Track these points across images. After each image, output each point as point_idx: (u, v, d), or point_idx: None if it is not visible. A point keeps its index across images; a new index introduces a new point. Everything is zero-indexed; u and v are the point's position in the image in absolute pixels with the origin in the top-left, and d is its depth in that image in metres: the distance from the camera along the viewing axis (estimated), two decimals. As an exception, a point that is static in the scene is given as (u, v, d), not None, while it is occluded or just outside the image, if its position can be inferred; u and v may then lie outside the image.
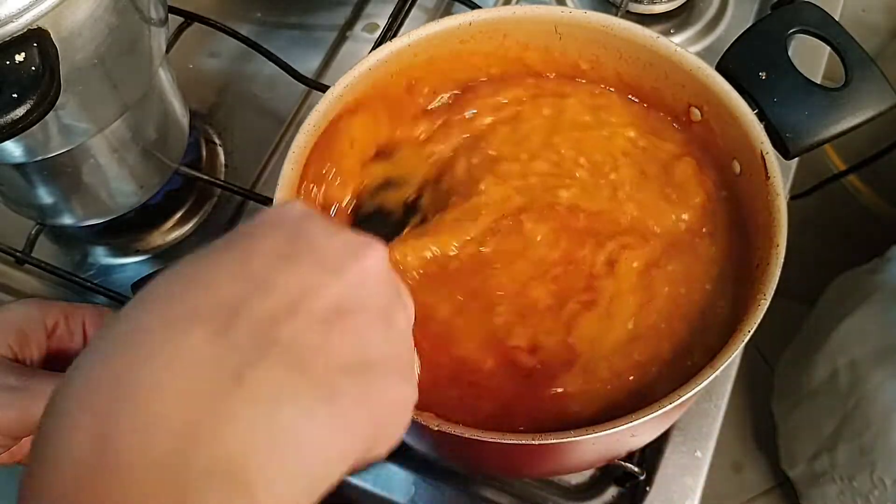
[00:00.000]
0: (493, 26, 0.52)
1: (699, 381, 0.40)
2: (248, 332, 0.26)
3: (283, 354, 0.26)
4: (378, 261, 0.30)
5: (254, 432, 0.24)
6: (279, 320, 0.26)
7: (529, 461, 0.49)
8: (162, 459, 0.23)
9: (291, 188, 0.47)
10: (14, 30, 0.40)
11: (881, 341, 1.01)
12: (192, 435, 0.23)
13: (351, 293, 0.28)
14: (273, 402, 0.25)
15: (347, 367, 0.27)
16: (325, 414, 0.26)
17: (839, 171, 1.30)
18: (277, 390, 0.25)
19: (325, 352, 0.27)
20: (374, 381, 0.28)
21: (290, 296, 0.27)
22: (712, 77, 0.48)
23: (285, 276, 0.27)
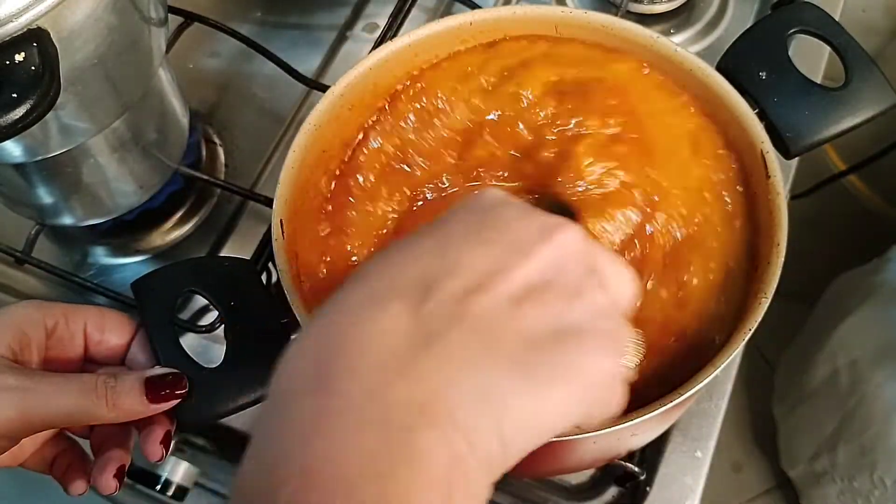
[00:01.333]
0: (493, 26, 0.52)
1: (699, 381, 0.40)
2: (439, 306, 0.28)
3: (472, 327, 0.28)
4: (570, 240, 0.31)
5: (442, 388, 0.27)
6: (469, 297, 0.29)
7: (529, 461, 0.49)
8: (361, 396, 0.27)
9: (291, 188, 0.47)
10: (14, 30, 0.40)
11: (881, 341, 1.01)
12: (386, 383, 0.27)
13: (540, 272, 0.30)
14: (460, 366, 0.27)
15: (537, 341, 0.29)
16: (518, 382, 0.28)
17: (839, 171, 1.30)
18: (466, 357, 0.28)
19: (515, 326, 0.29)
20: (567, 355, 0.29)
21: (480, 275, 0.29)
22: (712, 77, 0.48)
23: (477, 257, 0.30)
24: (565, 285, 0.30)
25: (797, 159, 0.53)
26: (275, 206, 0.46)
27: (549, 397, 0.28)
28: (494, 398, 0.27)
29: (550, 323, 0.29)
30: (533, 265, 0.30)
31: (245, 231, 0.66)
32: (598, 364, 0.30)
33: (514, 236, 0.31)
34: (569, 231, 0.32)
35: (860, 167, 1.17)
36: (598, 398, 0.30)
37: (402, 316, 0.28)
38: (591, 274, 0.32)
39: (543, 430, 0.29)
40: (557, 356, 0.29)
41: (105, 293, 0.60)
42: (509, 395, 0.28)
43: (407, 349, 0.28)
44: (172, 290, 0.45)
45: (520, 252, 0.30)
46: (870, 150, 1.13)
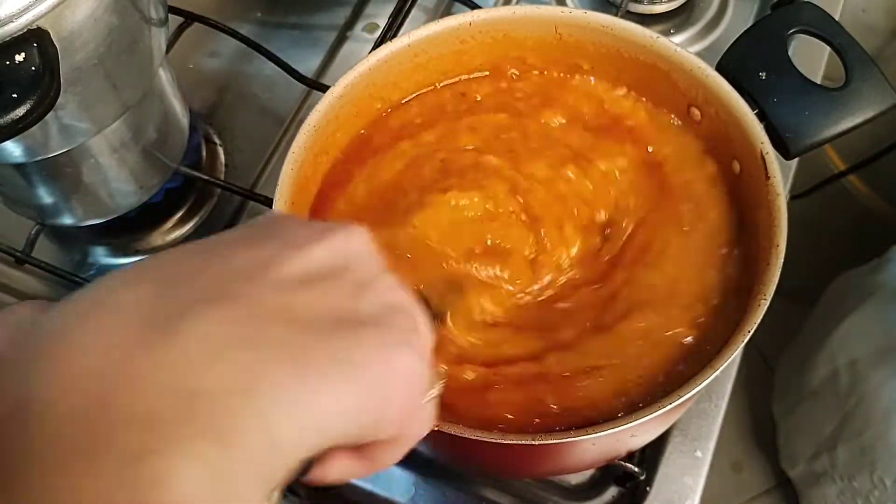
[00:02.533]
0: (493, 26, 0.52)
1: (699, 381, 0.40)
2: (189, 290, 0.23)
3: (230, 308, 0.23)
4: (354, 240, 0.28)
5: (188, 381, 0.21)
6: (231, 280, 0.24)
7: (529, 461, 0.49)
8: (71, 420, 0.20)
9: (291, 188, 0.47)
10: (14, 30, 0.40)
11: (881, 341, 1.01)
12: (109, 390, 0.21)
13: (320, 265, 0.26)
14: (213, 351, 0.22)
15: (316, 327, 0.24)
16: (287, 369, 0.23)
17: (839, 171, 1.30)
18: (219, 339, 0.22)
19: (287, 310, 0.24)
20: (356, 343, 0.24)
21: (246, 265, 0.25)
22: (712, 77, 0.48)
23: (246, 252, 0.26)
24: (353, 277, 0.27)
25: (797, 159, 0.53)
26: (274, 206, 0.46)
27: (327, 388, 0.23)
28: (255, 387, 0.22)
29: (331, 310, 0.25)
30: (309, 257, 0.26)
31: (245, 231, 0.66)
32: (391, 357, 0.25)
33: (290, 236, 0.27)
34: (355, 232, 0.28)
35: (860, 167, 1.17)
36: (391, 398, 0.25)
37: (141, 301, 0.23)
38: (385, 273, 0.28)
39: (323, 428, 0.23)
40: (338, 344, 0.24)
41: (105, 293, 0.59)
42: (275, 384, 0.22)
43: (141, 338, 0.22)
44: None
45: (293, 246, 0.26)
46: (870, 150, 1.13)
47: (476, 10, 0.52)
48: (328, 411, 0.23)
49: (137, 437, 0.20)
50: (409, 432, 0.28)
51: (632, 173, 0.51)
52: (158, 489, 0.20)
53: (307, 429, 0.23)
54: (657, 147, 0.51)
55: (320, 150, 0.50)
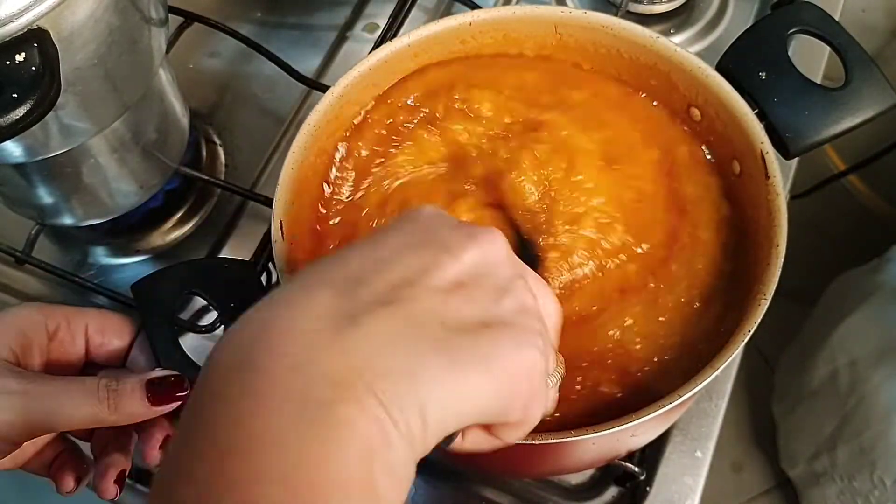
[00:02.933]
0: (494, 26, 0.52)
1: (699, 381, 0.40)
2: (367, 294, 0.29)
3: (399, 312, 0.29)
4: (496, 245, 0.33)
5: (364, 363, 0.27)
6: (398, 288, 0.30)
7: (529, 461, 0.49)
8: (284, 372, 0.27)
9: (291, 188, 0.47)
10: (14, 30, 0.40)
11: (881, 341, 1.01)
12: (309, 360, 0.27)
13: (467, 271, 0.31)
14: (384, 344, 0.28)
15: (462, 328, 0.30)
16: (442, 362, 0.28)
17: (839, 171, 1.30)
18: (391, 336, 0.28)
19: (441, 313, 0.30)
20: (491, 343, 0.30)
21: (409, 272, 0.30)
22: (712, 77, 0.48)
23: (407, 257, 0.31)
24: (494, 283, 0.32)
25: (797, 159, 0.53)
26: (274, 207, 0.46)
27: (470, 379, 0.29)
28: (417, 374, 0.28)
29: (477, 313, 0.30)
30: (460, 264, 0.31)
31: (245, 231, 0.66)
32: (521, 355, 0.31)
33: (443, 241, 0.32)
34: (496, 237, 0.33)
35: (860, 167, 1.17)
36: (519, 390, 0.31)
37: (328, 301, 0.29)
38: (519, 278, 0.33)
39: (464, 411, 0.29)
40: (481, 342, 0.30)
41: (105, 293, 0.60)
42: (431, 374, 0.28)
43: (331, 328, 0.28)
44: (172, 292, 0.45)
45: (448, 252, 0.31)
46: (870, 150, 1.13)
47: (476, 10, 0.52)
48: (469, 398, 0.29)
49: (330, 391, 0.27)
50: (531, 415, 0.32)
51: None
52: (342, 426, 0.26)
53: (451, 410, 0.29)
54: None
55: (320, 150, 0.50)
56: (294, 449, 0.26)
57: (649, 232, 0.48)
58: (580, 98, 0.52)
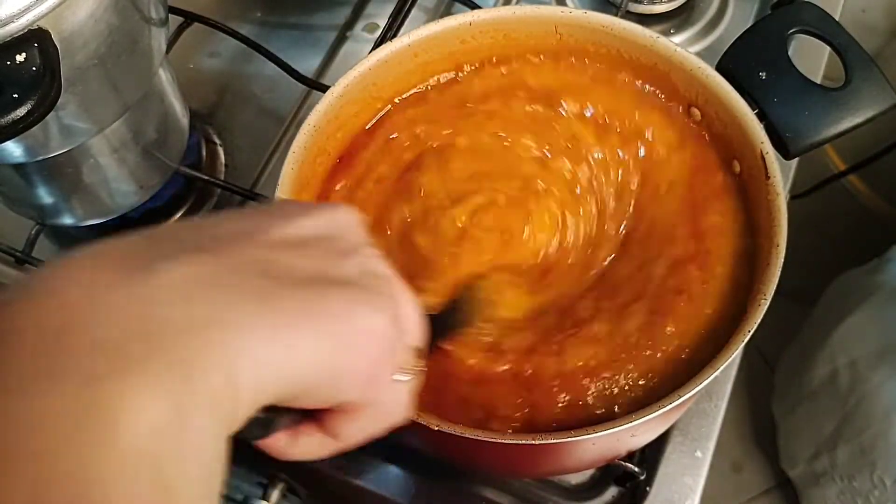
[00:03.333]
0: (493, 26, 0.52)
1: (699, 381, 0.40)
2: (176, 243, 0.24)
3: (210, 257, 0.24)
4: (344, 214, 0.29)
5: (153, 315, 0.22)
6: (217, 239, 0.25)
7: (529, 461, 0.49)
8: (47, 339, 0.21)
9: (291, 188, 0.47)
10: (15, 30, 0.40)
11: (881, 341, 1.01)
12: (79, 320, 0.21)
13: (307, 233, 0.27)
14: (184, 289, 0.22)
15: (291, 279, 0.25)
16: (258, 310, 0.23)
17: (839, 171, 1.30)
18: (194, 280, 0.23)
19: (267, 263, 0.25)
20: (326, 297, 0.25)
21: (235, 230, 0.26)
22: (712, 77, 0.48)
23: (237, 222, 0.27)
24: (337, 246, 0.28)
25: (797, 159, 0.53)
26: (275, 206, 0.46)
27: (292, 333, 0.24)
28: (224, 324, 0.22)
29: (309, 268, 0.26)
30: (297, 224, 0.27)
31: (245, 231, 0.66)
32: (361, 315, 0.26)
33: (282, 211, 0.28)
34: (341, 208, 0.30)
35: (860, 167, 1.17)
36: (356, 359, 0.26)
37: (122, 251, 0.23)
38: (369, 246, 0.29)
39: (285, 373, 0.24)
40: (313, 296, 0.25)
41: (105, 293, 0.59)
42: (243, 323, 0.23)
43: (116, 279, 0.22)
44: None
45: (282, 217, 0.27)
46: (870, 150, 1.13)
47: (476, 10, 0.52)
48: (289, 357, 0.24)
49: (101, 361, 0.20)
50: (375, 406, 0.28)
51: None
52: (115, 409, 0.20)
53: (267, 372, 0.23)
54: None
55: (320, 150, 0.50)
56: (54, 442, 0.19)
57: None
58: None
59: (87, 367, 0.20)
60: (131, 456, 0.20)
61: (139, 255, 0.23)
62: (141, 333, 0.21)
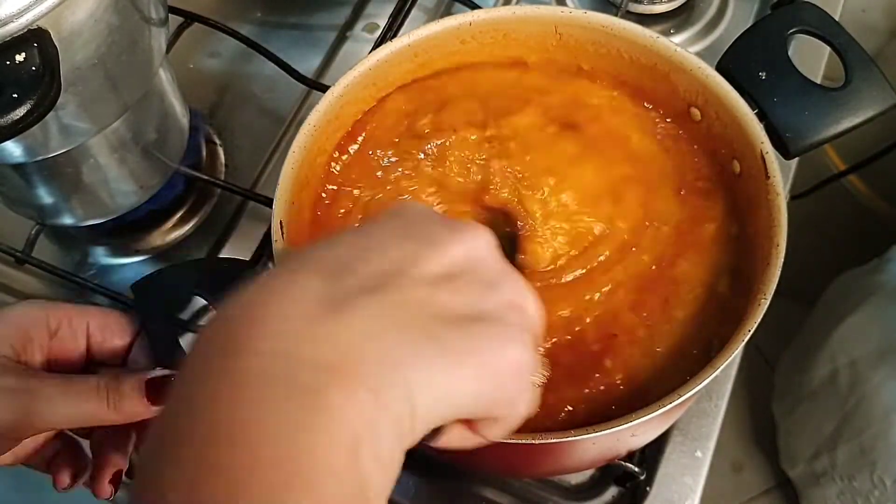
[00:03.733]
0: (494, 26, 0.52)
1: (699, 381, 0.40)
2: (354, 279, 0.29)
3: (386, 299, 0.29)
4: (481, 241, 0.33)
5: (353, 349, 0.27)
6: (385, 275, 0.29)
7: (529, 461, 0.49)
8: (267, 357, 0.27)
9: (291, 188, 0.47)
10: (14, 30, 0.40)
11: (881, 341, 1.01)
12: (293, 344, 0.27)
13: (455, 264, 0.31)
14: (372, 331, 0.28)
15: (451, 320, 0.29)
16: (432, 351, 0.28)
17: (839, 171, 1.30)
18: (379, 323, 0.28)
19: (429, 304, 0.29)
20: (481, 337, 0.30)
21: (396, 262, 0.30)
22: (712, 77, 0.48)
23: (393, 248, 0.31)
24: (480, 277, 0.32)
25: (797, 159, 0.53)
26: (275, 206, 0.46)
27: (459, 371, 0.29)
28: (407, 361, 0.28)
29: (465, 307, 0.30)
30: (446, 257, 0.31)
31: (245, 231, 0.66)
32: (510, 352, 0.30)
33: (428, 235, 0.32)
34: (481, 233, 0.33)
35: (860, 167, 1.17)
36: (506, 386, 0.31)
37: (313, 286, 0.29)
38: (505, 274, 0.33)
39: (453, 402, 0.29)
40: (471, 335, 0.29)
41: (105, 293, 0.60)
42: (421, 362, 0.28)
43: (317, 313, 0.28)
44: (172, 292, 0.45)
45: (433, 245, 0.31)
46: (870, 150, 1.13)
47: (476, 10, 0.52)
48: (458, 389, 0.29)
49: (317, 377, 0.26)
50: (515, 413, 0.32)
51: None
52: (331, 412, 0.26)
53: (440, 401, 0.28)
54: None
55: (320, 150, 0.50)
56: (280, 435, 0.25)
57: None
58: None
59: (306, 380, 0.26)
60: (338, 444, 0.26)
61: (328, 294, 0.28)
62: (342, 362, 0.27)
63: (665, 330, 0.46)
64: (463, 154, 0.51)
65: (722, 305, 0.46)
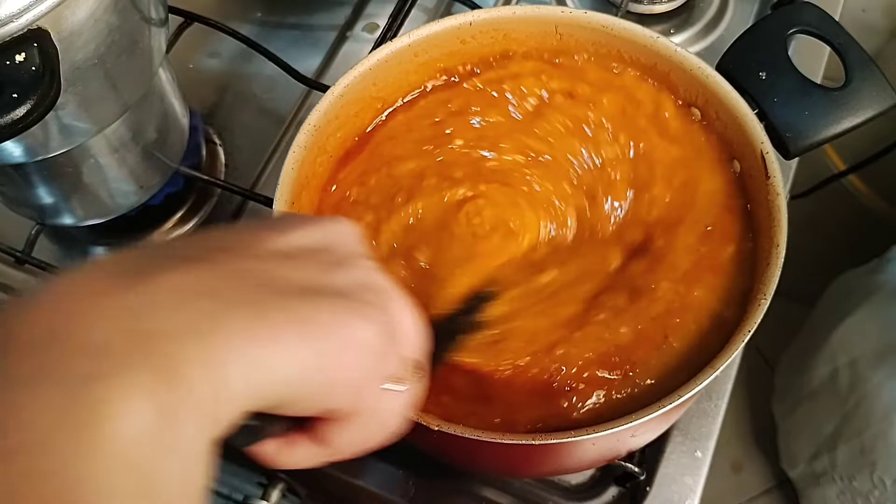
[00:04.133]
0: (494, 26, 0.52)
1: (699, 381, 0.40)
2: (169, 254, 0.25)
3: (202, 266, 0.24)
4: (340, 227, 0.29)
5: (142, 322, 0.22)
6: (212, 249, 0.25)
7: (529, 461, 0.49)
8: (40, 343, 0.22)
9: (291, 188, 0.47)
10: (14, 30, 0.40)
11: (881, 341, 1.01)
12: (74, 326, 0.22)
13: (303, 244, 0.27)
14: (174, 298, 0.23)
15: (285, 290, 0.25)
16: (247, 315, 0.24)
17: (839, 171, 1.30)
18: (185, 289, 0.23)
19: (257, 273, 0.25)
20: (315, 307, 0.25)
21: (234, 240, 0.26)
22: (712, 77, 0.48)
23: (233, 233, 0.27)
24: (330, 257, 0.28)
25: (797, 159, 0.53)
26: (275, 206, 0.46)
27: (280, 340, 0.24)
28: (213, 330, 0.23)
29: (302, 279, 0.26)
30: (295, 235, 0.27)
31: (245, 231, 0.66)
32: (350, 325, 0.26)
33: (279, 224, 0.28)
34: (339, 221, 0.30)
35: (860, 167, 1.17)
36: (345, 368, 0.26)
37: (118, 261, 0.24)
38: (365, 259, 0.29)
39: (273, 377, 0.24)
40: (302, 305, 0.25)
41: (105, 293, 0.59)
42: (232, 329, 0.23)
43: (109, 288, 0.23)
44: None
45: (278, 230, 0.28)
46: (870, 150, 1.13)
47: (476, 10, 0.52)
48: (276, 364, 0.24)
49: (89, 364, 0.21)
50: (365, 415, 0.28)
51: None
52: (100, 411, 0.20)
53: (251, 379, 0.23)
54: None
55: (320, 150, 0.50)
56: (37, 440, 0.20)
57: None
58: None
59: (74, 369, 0.21)
60: (114, 456, 0.20)
61: (134, 267, 0.24)
62: (128, 339, 0.22)
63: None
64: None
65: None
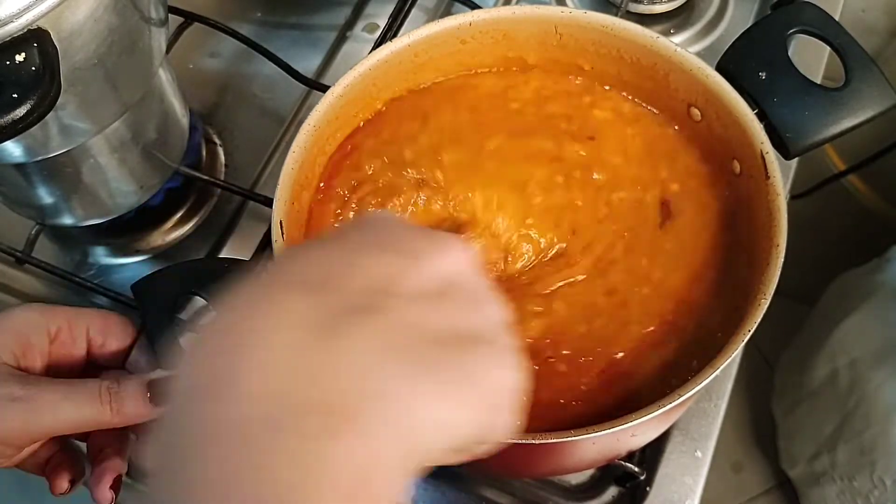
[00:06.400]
0: (494, 26, 0.52)
1: (699, 381, 0.40)
2: (340, 299, 0.27)
3: (377, 321, 0.27)
4: (464, 253, 0.32)
5: (344, 380, 0.25)
6: (370, 293, 0.28)
7: (529, 461, 0.49)
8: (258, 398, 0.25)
9: (292, 188, 0.47)
10: (14, 30, 0.40)
11: (881, 341, 1.01)
12: (289, 379, 0.25)
13: (435, 278, 0.30)
14: (371, 361, 0.26)
15: (441, 342, 0.28)
16: (424, 378, 0.27)
17: (839, 171, 1.30)
18: (376, 351, 0.26)
19: (420, 324, 0.28)
20: (475, 361, 0.28)
21: (379, 277, 0.29)
22: (712, 77, 0.48)
23: (374, 262, 0.29)
24: (464, 295, 0.30)
25: (797, 159, 0.53)
26: (275, 206, 0.46)
27: (457, 399, 0.27)
28: (406, 398, 0.26)
29: (453, 326, 0.29)
30: (431, 270, 0.30)
31: (245, 231, 0.66)
32: (501, 374, 0.29)
33: (407, 246, 0.31)
34: (459, 244, 0.32)
35: (860, 167, 1.17)
36: (503, 410, 0.29)
37: (299, 308, 0.27)
38: (489, 291, 0.32)
39: (453, 434, 0.28)
40: (465, 359, 0.28)
41: (105, 293, 0.60)
42: (421, 396, 0.26)
43: (306, 342, 0.26)
44: (172, 292, 0.45)
45: (414, 258, 0.30)
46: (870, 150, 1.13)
47: (476, 10, 0.52)
48: (456, 419, 0.27)
49: (315, 421, 0.24)
50: (506, 432, 0.31)
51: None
52: (325, 462, 0.24)
53: (440, 433, 0.27)
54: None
55: (320, 150, 0.50)
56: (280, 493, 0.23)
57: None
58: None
59: (302, 426, 0.24)
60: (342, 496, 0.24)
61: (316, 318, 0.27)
62: (347, 404, 0.25)
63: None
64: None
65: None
